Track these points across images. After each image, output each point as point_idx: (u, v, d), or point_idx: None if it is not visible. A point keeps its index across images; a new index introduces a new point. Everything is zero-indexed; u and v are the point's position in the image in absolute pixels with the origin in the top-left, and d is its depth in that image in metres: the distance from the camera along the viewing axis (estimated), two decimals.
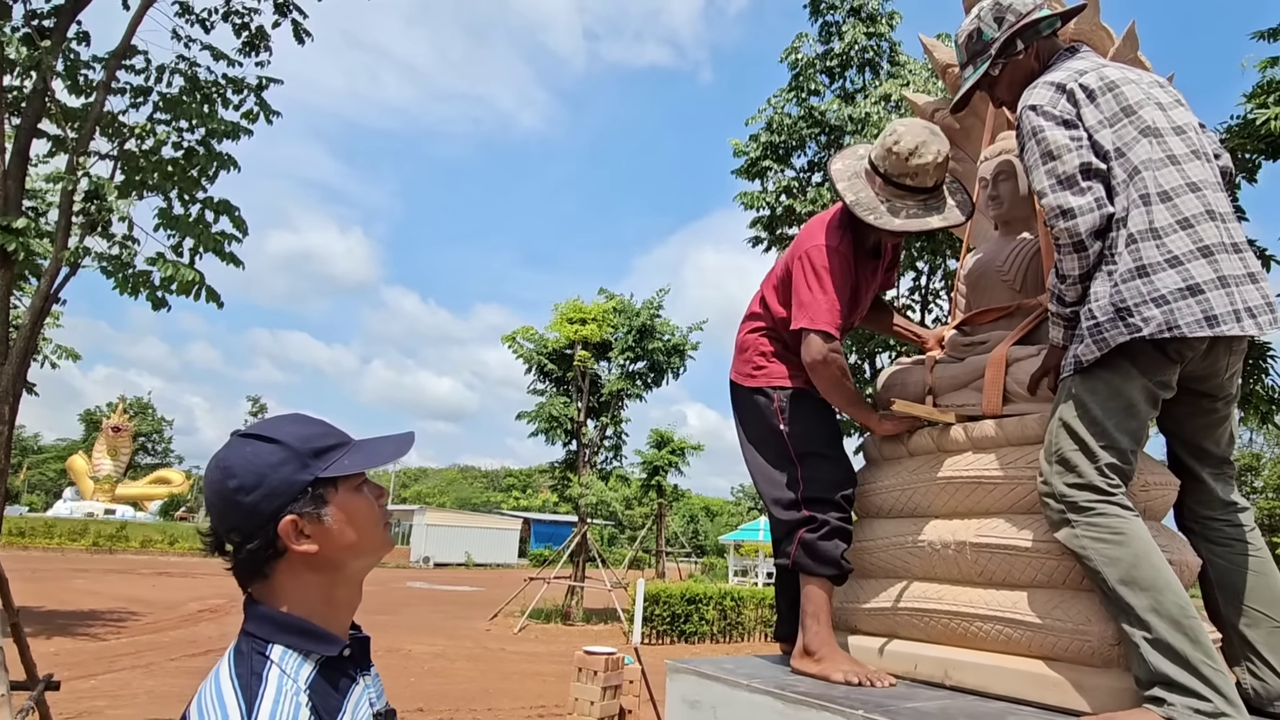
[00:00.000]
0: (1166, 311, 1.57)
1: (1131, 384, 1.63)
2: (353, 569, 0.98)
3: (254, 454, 0.92)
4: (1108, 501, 1.60)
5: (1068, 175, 1.70)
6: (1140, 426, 1.67)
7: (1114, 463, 1.63)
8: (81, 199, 5.01)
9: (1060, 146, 1.72)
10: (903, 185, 2.02)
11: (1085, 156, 1.71)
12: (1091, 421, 1.65)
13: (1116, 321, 1.62)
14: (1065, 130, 1.73)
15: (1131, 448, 1.66)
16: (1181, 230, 1.60)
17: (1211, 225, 1.61)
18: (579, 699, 5.50)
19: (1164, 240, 1.61)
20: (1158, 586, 1.51)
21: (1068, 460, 1.65)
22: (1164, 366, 1.63)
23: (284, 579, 0.92)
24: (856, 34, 11.83)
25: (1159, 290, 1.58)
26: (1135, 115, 1.71)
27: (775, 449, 2.15)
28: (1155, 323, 1.57)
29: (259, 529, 0.90)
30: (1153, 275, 1.60)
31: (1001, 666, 1.78)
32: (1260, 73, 7.71)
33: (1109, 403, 1.64)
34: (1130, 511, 1.61)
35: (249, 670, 0.86)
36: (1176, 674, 1.45)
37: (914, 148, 1.99)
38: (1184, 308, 1.56)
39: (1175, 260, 1.59)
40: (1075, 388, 1.69)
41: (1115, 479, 1.63)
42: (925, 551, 2.01)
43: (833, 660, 1.93)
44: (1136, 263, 1.62)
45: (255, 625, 0.91)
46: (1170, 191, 1.64)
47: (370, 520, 0.98)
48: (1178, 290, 1.57)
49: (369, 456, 0.98)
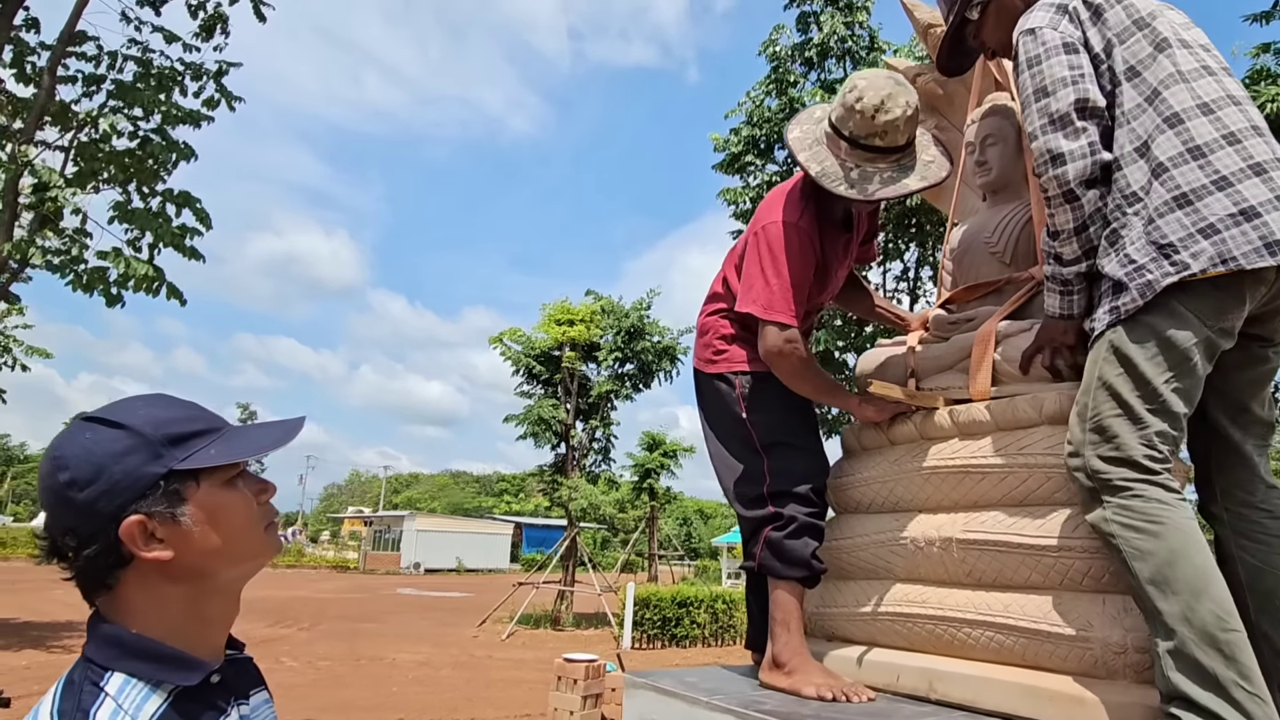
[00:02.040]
0: (1218, 242, 1.34)
1: (1189, 332, 1.38)
2: (225, 578, 0.82)
3: (94, 441, 0.76)
4: (1149, 482, 1.36)
5: (1060, 114, 1.51)
6: (1196, 386, 1.41)
7: (1164, 430, 1.39)
8: (30, 191, 4.79)
9: (1055, 80, 1.53)
10: (872, 147, 1.77)
11: (1083, 90, 1.51)
12: (1140, 381, 1.39)
13: (1160, 261, 1.39)
14: (1065, 57, 1.53)
15: (1185, 411, 1.41)
16: (1229, 146, 1.39)
17: (1260, 140, 1.39)
18: (558, 709, 5.29)
19: (1209, 159, 1.39)
20: (1194, 590, 1.28)
21: (1106, 429, 1.40)
22: (1230, 308, 1.38)
23: (133, 591, 0.77)
24: (835, 24, 11.77)
25: (1206, 218, 1.36)
26: (1149, 27, 1.50)
27: (740, 440, 1.96)
28: (1206, 256, 1.34)
29: (98, 531, 0.74)
30: (1197, 202, 1.37)
31: (992, 678, 1.58)
32: (1252, 59, 7.61)
33: (1162, 356, 1.39)
34: (1175, 495, 1.37)
35: (75, 705, 0.71)
36: (1199, 695, 1.23)
37: (879, 102, 1.74)
38: (1238, 235, 1.33)
39: (1223, 181, 1.37)
40: (1119, 341, 1.43)
41: (1161, 453, 1.39)
42: (908, 549, 1.81)
43: (804, 673, 1.73)
44: (1173, 191, 1.40)
45: (96, 649, 0.75)
46: (1211, 104, 1.43)
47: (243, 521, 0.82)
48: (1229, 216, 1.34)
49: (243, 445, 0.82)
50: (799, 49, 12.19)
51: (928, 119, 2.52)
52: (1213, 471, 1.58)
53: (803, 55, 12.22)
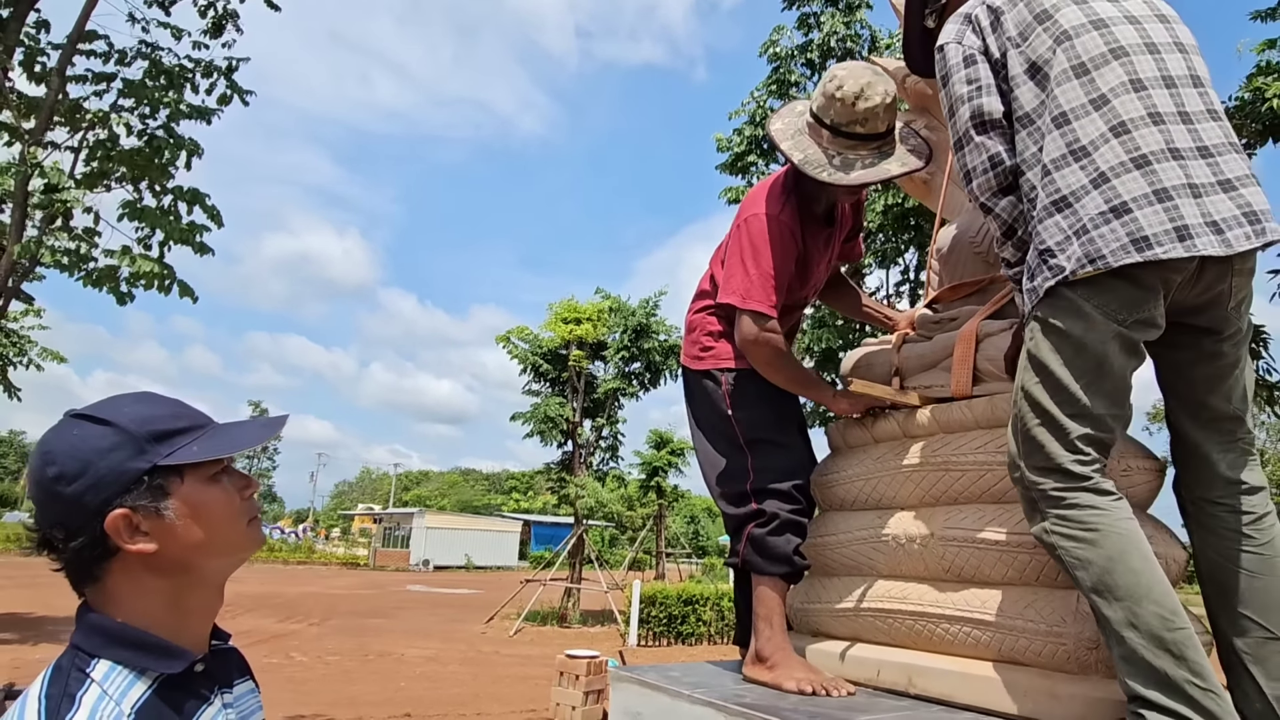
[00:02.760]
0: (1086, 242, 1.32)
1: (1097, 332, 1.35)
2: (208, 570, 0.85)
3: (80, 437, 0.79)
4: (1079, 488, 1.36)
5: (963, 131, 1.54)
6: (1119, 384, 1.39)
7: (1088, 433, 1.37)
8: (40, 191, 4.87)
9: (956, 98, 1.55)
10: (853, 134, 1.82)
11: (978, 105, 1.52)
12: (1057, 387, 1.38)
13: (1042, 266, 1.40)
14: (964, 70, 1.54)
15: (1111, 411, 1.39)
16: (1115, 138, 1.36)
17: (1153, 129, 1.34)
18: (560, 704, 5.33)
19: (1091, 157, 1.37)
20: (1134, 595, 1.27)
21: (1033, 439, 1.40)
22: (1139, 300, 1.34)
23: (119, 583, 0.80)
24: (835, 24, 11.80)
25: (1080, 219, 1.35)
26: (1050, 20, 1.47)
27: (724, 437, 1.98)
28: (1075, 257, 1.33)
29: (84, 524, 0.77)
30: (1075, 203, 1.36)
31: (968, 673, 1.60)
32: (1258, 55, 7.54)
33: (1075, 360, 1.37)
34: (1108, 497, 1.36)
35: (61, 690, 0.74)
36: (1157, 697, 1.25)
37: (860, 90, 1.79)
38: (1106, 233, 1.31)
39: (1101, 178, 1.35)
40: (1034, 348, 1.43)
41: (1090, 454, 1.37)
42: (890, 546, 1.84)
43: (786, 667, 1.76)
44: (1052, 196, 1.39)
45: (83, 637, 0.78)
46: (1107, 94, 1.39)
47: (226, 515, 0.84)
48: (1099, 214, 1.33)
49: (225, 441, 0.85)
50: (800, 50, 12.22)
51: (918, 119, 2.53)
52: (1178, 467, 1.57)
53: (804, 56, 12.26)
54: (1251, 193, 1.34)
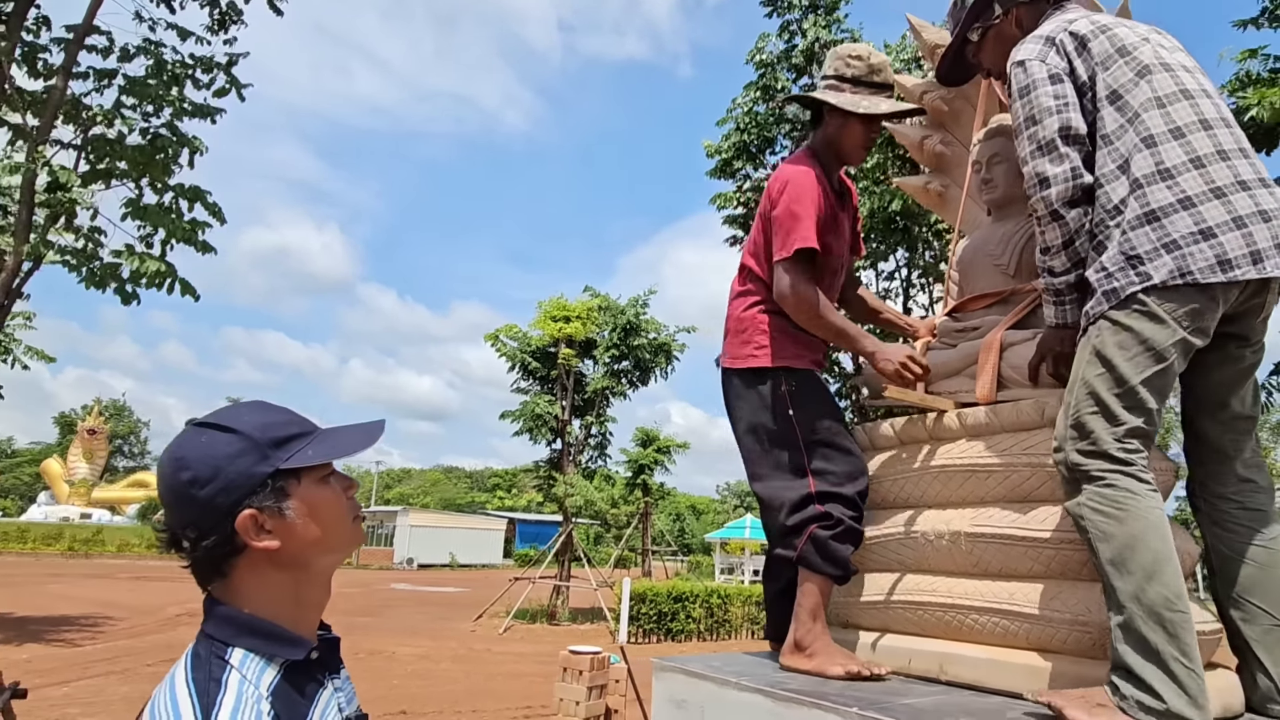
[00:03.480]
0: (1179, 257, 1.48)
1: (1164, 333, 1.49)
2: (320, 565, 0.92)
3: (209, 444, 0.86)
4: (1121, 472, 1.48)
5: (1046, 141, 1.65)
6: (1170, 383, 1.53)
7: (1138, 426, 1.50)
8: (44, 189, 4.85)
9: (1042, 110, 1.66)
10: (873, 83, 2.13)
11: (1066, 118, 1.64)
12: (1117, 380, 1.51)
13: (1127, 270, 1.53)
14: (1051, 87, 1.67)
15: (1158, 406, 1.52)
16: (1195, 169, 1.52)
17: (1222, 165, 1.52)
18: (564, 699, 5.41)
19: (1176, 180, 1.52)
20: (1148, 572, 1.40)
21: (1084, 425, 1.52)
22: (1204, 311, 1.49)
23: (245, 577, 0.87)
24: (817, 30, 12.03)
25: (1170, 234, 1.50)
26: (1130, 55, 1.63)
27: (782, 438, 2.00)
28: (1166, 269, 1.48)
29: (216, 525, 0.84)
30: (1164, 219, 1.51)
31: (998, 660, 1.72)
32: (1238, 64, 7.78)
33: (1139, 357, 1.50)
34: (1145, 485, 1.48)
35: (207, 675, 0.81)
36: (1138, 666, 1.37)
37: (868, 51, 2.15)
38: (1195, 252, 1.47)
39: (1188, 201, 1.50)
40: (1100, 344, 1.55)
41: (1135, 444, 1.50)
42: (918, 543, 1.95)
43: (827, 655, 1.86)
44: (1145, 208, 1.53)
45: (215, 627, 0.85)
46: (1183, 128, 1.55)
47: (337, 514, 0.92)
48: (1190, 234, 1.49)
49: (335, 446, 0.92)
50: (785, 55, 12.43)
51: (933, 133, 2.65)
52: (1193, 466, 1.71)
53: (789, 61, 12.46)
54: None
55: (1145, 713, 1.35)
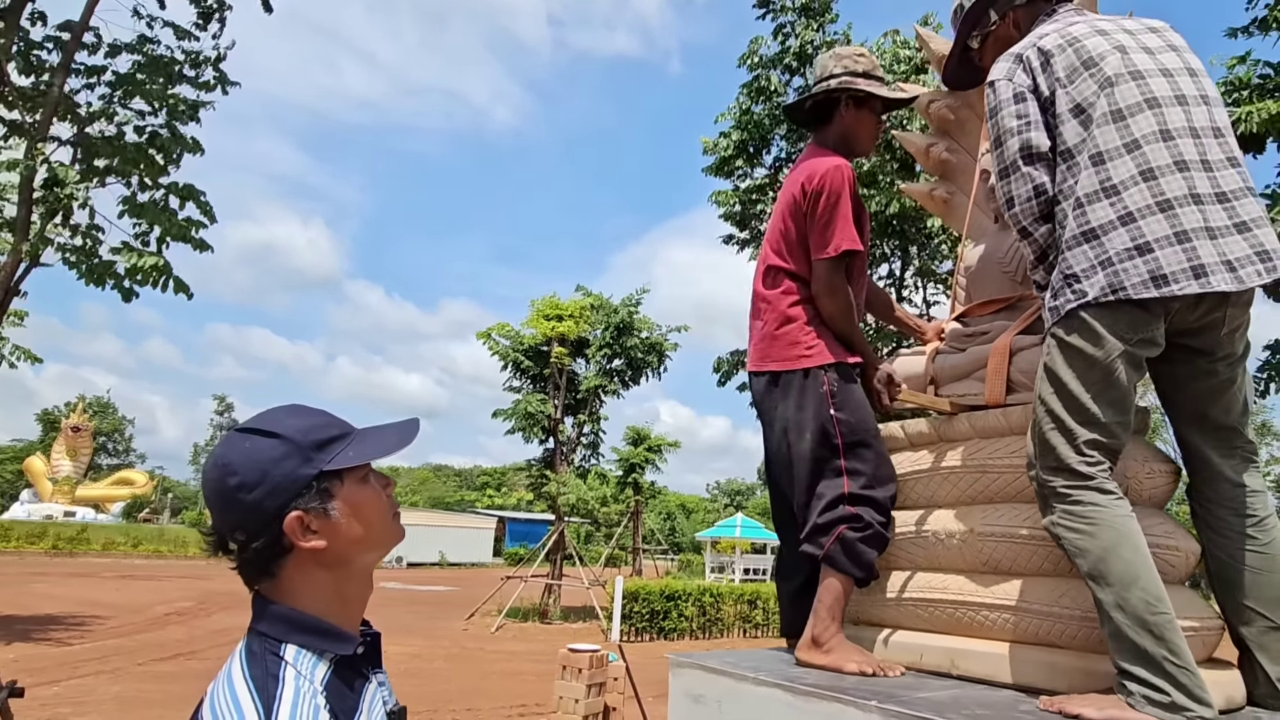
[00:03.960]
0: (1111, 274, 1.51)
1: (1105, 348, 1.53)
2: (362, 563, 0.95)
3: (254, 449, 0.88)
4: (1084, 486, 1.53)
5: (1010, 162, 1.70)
6: (1124, 395, 1.56)
7: (1095, 439, 1.54)
8: (41, 186, 4.83)
9: (1005, 130, 1.70)
10: (879, 77, 2.29)
11: (1026, 139, 1.68)
12: (1069, 396, 1.56)
13: (1065, 289, 1.58)
14: (1014, 106, 1.70)
15: (1117, 419, 1.56)
16: (1143, 182, 1.53)
17: (1177, 176, 1.51)
18: (564, 696, 5.45)
19: (1120, 196, 1.54)
20: (1124, 581, 1.45)
21: (1046, 441, 1.58)
22: (1144, 323, 1.52)
23: (293, 577, 0.89)
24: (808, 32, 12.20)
25: (1106, 252, 1.53)
26: (1095, 68, 1.63)
27: (821, 436, 2.01)
28: (1099, 286, 1.52)
29: (264, 527, 0.86)
30: (1102, 236, 1.54)
31: (1008, 655, 1.77)
32: (1228, 70, 7.91)
33: (1086, 373, 1.55)
34: (1109, 496, 1.52)
35: (264, 671, 0.83)
36: (1136, 669, 1.44)
37: (864, 49, 2.36)
38: (1129, 268, 1.49)
39: (1128, 217, 1.52)
40: (1050, 362, 1.61)
41: (1095, 457, 1.54)
42: (929, 541, 2.00)
43: (843, 651, 1.91)
44: (1083, 227, 1.57)
45: (268, 625, 0.87)
46: (1140, 140, 1.55)
47: (379, 512, 0.95)
48: (1125, 250, 1.51)
49: (373, 447, 0.95)
50: (778, 58, 12.60)
51: (939, 141, 2.71)
52: (1188, 472, 1.75)
53: (782, 63, 12.62)
54: (1264, 233, 1.52)
55: (1153, 706, 1.42)
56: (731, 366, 13.86)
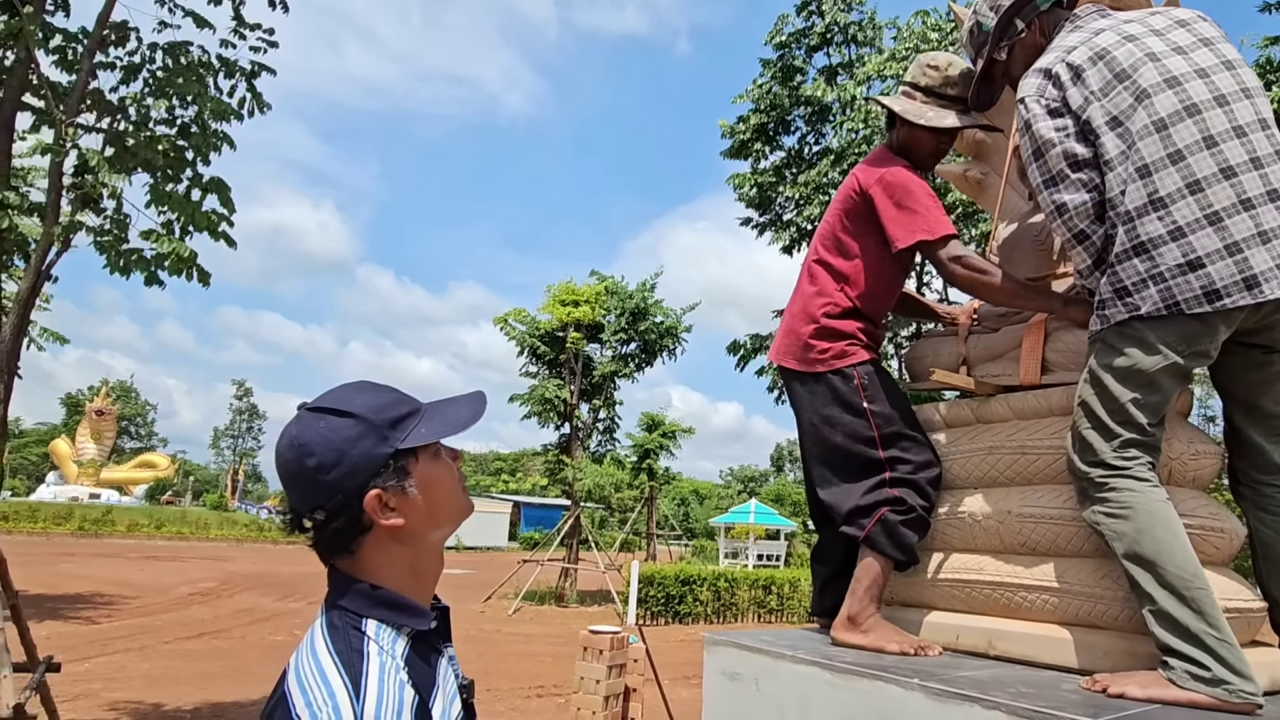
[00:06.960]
0: (1164, 289, 1.52)
1: (1153, 358, 1.56)
2: (435, 538, 0.95)
3: (329, 429, 0.88)
4: (1120, 475, 1.57)
5: (1056, 170, 1.68)
6: (1164, 401, 1.59)
7: (1132, 438, 1.58)
8: (71, 172, 4.86)
9: (1045, 142, 1.69)
10: (944, 95, 2.17)
11: (1068, 146, 1.66)
12: (1109, 399, 1.59)
13: (1115, 301, 1.59)
14: (1051, 120, 1.69)
15: (1153, 420, 1.59)
16: (1190, 196, 1.52)
17: (1225, 185, 1.50)
18: (584, 677, 5.50)
19: (1169, 210, 1.53)
20: (1159, 560, 1.48)
21: (1084, 439, 1.63)
22: (1199, 336, 1.54)
23: (371, 553, 0.89)
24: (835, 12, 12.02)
25: (1157, 266, 1.53)
26: (1130, 80, 1.62)
27: (856, 431, 2.03)
28: (1151, 301, 1.53)
29: (344, 506, 0.87)
30: (1153, 250, 1.54)
31: (1048, 636, 1.76)
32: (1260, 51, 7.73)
33: (1128, 379, 1.58)
34: (1145, 482, 1.56)
35: (348, 646, 0.84)
36: (1178, 644, 1.45)
37: (949, 61, 2.20)
38: (1182, 283, 1.50)
39: (1178, 232, 1.52)
40: (1094, 365, 1.64)
41: (1133, 452, 1.58)
42: (965, 523, 1.99)
43: (881, 631, 1.91)
44: (1133, 241, 1.56)
45: (349, 600, 0.88)
46: (1183, 150, 1.54)
47: (451, 487, 0.95)
48: (1177, 266, 1.51)
49: (446, 423, 0.95)
50: (802, 35, 12.42)
51: (973, 166, 2.68)
52: (1234, 458, 1.77)
53: (805, 41, 12.46)
54: None
55: (1196, 681, 1.43)
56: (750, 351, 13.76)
